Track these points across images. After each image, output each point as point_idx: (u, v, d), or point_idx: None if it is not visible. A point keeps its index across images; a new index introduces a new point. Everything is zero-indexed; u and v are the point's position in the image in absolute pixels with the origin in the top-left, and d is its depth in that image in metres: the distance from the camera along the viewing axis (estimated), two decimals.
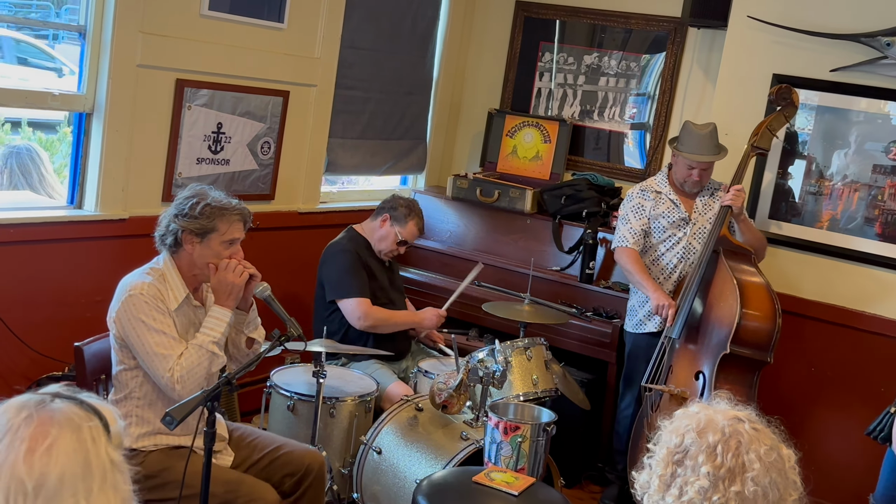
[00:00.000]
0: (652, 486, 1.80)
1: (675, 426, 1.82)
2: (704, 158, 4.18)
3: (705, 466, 1.73)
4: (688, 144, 4.21)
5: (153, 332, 2.87)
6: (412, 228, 4.28)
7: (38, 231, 3.83)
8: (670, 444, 1.80)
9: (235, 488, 2.91)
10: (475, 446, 3.50)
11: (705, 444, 1.75)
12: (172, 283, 2.99)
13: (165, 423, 2.54)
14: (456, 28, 5.72)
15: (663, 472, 1.78)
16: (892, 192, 4.35)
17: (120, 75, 3.94)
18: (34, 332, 3.82)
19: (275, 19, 4.51)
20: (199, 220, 2.96)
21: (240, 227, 3.04)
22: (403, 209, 4.28)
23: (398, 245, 4.28)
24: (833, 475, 4.25)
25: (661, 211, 4.29)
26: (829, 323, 4.49)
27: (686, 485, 1.75)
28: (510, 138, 5.54)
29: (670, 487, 1.77)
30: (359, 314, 4.08)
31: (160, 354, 2.86)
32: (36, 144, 4.38)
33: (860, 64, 4.32)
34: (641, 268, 4.25)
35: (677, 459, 1.78)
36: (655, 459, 1.82)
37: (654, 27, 5.22)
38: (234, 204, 3.03)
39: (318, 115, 4.86)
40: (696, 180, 4.23)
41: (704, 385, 3.95)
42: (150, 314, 2.88)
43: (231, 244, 3.01)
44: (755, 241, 4.18)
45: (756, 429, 1.79)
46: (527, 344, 3.87)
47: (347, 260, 4.16)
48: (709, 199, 4.30)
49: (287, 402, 3.72)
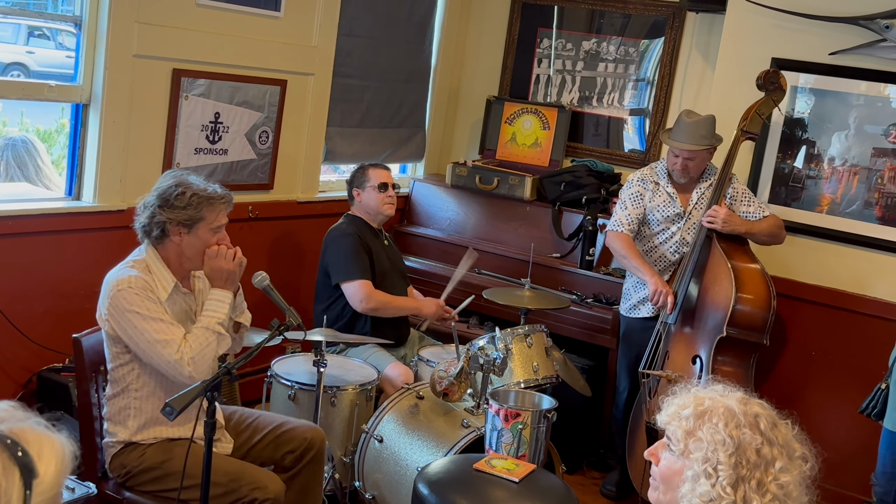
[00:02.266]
0: (721, 493, 1.70)
1: (708, 433, 1.72)
2: (685, 146, 4.14)
3: (779, 460, 1.70)
4: (674, 132, 4.20)
5: (150, 321, 2.85)
6: (374, 172, 4.34)
7: (36, 223, 3.82)
8: (723, 448, 1.71)
9: (238, 477, 2.91)
10: (476, 434, 3.51)
11: (759, 435, 1.71)
12: (159, 274, 2.96)
13: (165, 414, 2.54)
14: (454, 15, 5.70)
15: (728, 477, 1.70)
16: (891, 175, 4.34)
17: (116, 65, 3.93)
18: (33, 323, 3.83)
19: (271, 8, 4.49)
20: (187, 211, 2.92)
21: (224, 212, 3.04)
22: (357, 172, 4.39)
23: (383, 190, 4.30)
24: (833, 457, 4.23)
25: (658, 203, 4.28)
26: (828, 306, 4.49)
27: (762, 485, 1.69)
28: (509, 125, 5.53)
29: (742, 488, 1.70)
30: (361, 296, 4.09)
31: (163, 341, 2.84)
32: (33, 136, 4.36)
33: (859, 47, 4.30)
34: (636, 252, 4.24)
35: (735, 462, 1.70)
36: (718, 472, 1.71)
37: (653, 12, 5.20)
38: (220, 191, 3.01)
39: (316, 103, 4.85)
40: (680, 169, 4.21)
41: (702, 369, 3.96)
42: (143, 304, 2.86)
43: (217, 231, 3.00)
44: (767, 233, 4.15)
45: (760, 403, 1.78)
46: (527, 331, 3.87)
47: (349, 243, 4.17)
48: (705, 190, 4.28)
49: (288, 392, 3.72)
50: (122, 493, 3.01)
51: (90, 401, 3.06)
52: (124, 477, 2.98)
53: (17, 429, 1.31)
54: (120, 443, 2.99)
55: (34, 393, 3.88)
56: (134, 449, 2.98)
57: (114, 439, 3.00)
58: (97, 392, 3.09)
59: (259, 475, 2.96)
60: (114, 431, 2.99)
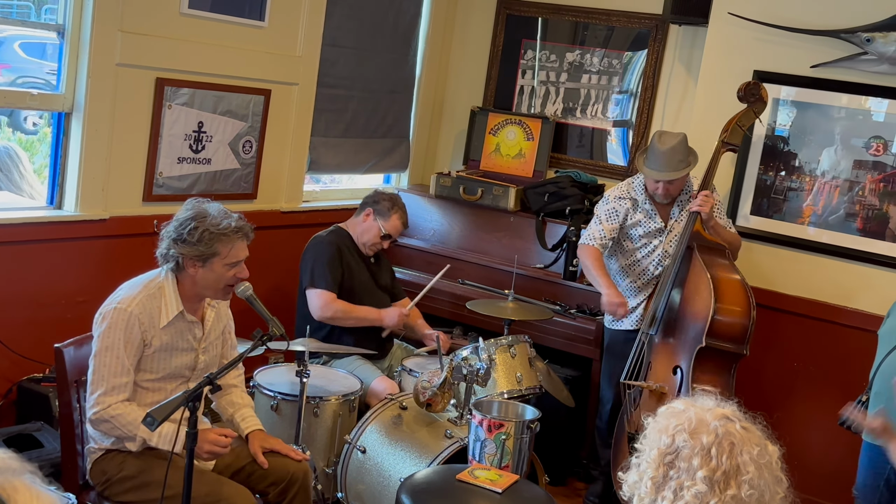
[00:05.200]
0: (643, 488, 1.77)
1: (663, 425, 1.78)
2: (662, 176, 4.15)
3: (701, 471, 1.70)
4: (651, 160, 4.19)
5: (109, 352, 2.89)
6: (395, 222, 4.27)
7: (17, 231, 3.80)
8: (660, 444, 1.76)
9: (217, 490, 2.90)
10: (459, 444, 3.50)
11: (699, 445, 1.72)
12: (168, 299, 2.98)
13: (147, 424, 2.54)
14: (438, 26, 5.72)
15: (655, 474, 1.75)
16: (872, 187, 4.37)
17: (99, 74, 3.92)
18: (14, 333, 3.80)
19: (256, 17, 4.49)
20: (199, 247, 2.93)
21: (242, 245, 3.01)
22: (386, 202, 4.27)
23: (382, 239, 4.26)
24: (815, 469, 4.26)
25: (638, 220, 4.29)
26: (810, 318, 4.51)
27: (681, 489, 1.71)
28: (493, 136, 5.54)
29: (663, 489, 1.74)
30: (319, 304, 4.09)
31: (101, 378, 2.88)
32: (15, 144, 4.34)
33: (840, 60, 4.34)
34: (600, 265, 4.24)
35: (669, 461, 1.74)
36: (645, 460, 1.78)
37: (636, 24, 5.23)
38: (234, 224, 2.98)
39: (300, 113, 4.84)
40: (662, 194, 4.22)
41: (682, 379, 3.97)
42: (118, 335, 2.89)
43: (234, 266, 2.99)
44: (729, 242, 4.20)
45: (745, 427, 1.77)
46: (511, 341, 3.87)
47: (325, 252, 4.17)
48: (686, 203, 4.28)
49: (271, 402, 3.70)
50: None
51: (71, 411, 3.04)
52: (104, 484, 2.97)
53: (8, 484, 1.30)
54: (102, 449, 2.99)
55: (14, 403, 3.85)
56: (115, 456, 2.97)
57: (96, 445, 3.00)
58: (78, 402, 3.07)
59: (236, 491, 2.95)
60: (96, 437, 2.99)
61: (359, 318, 4.18)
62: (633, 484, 1.80)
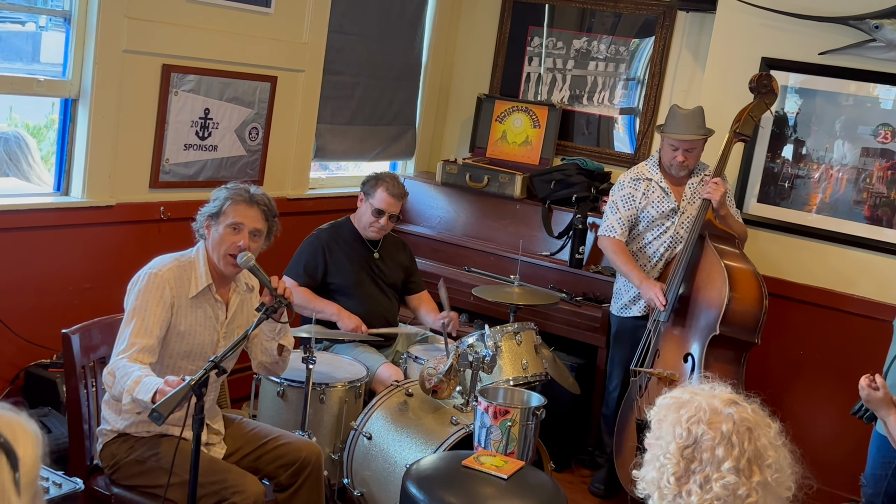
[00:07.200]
0: (664, 484, 1.73)
1: (674, 417, 1.75)
2: (685, 136, 4.18)
3: (728, 461, 1.68)
4: (671, 125, 4.23)
5: (136, 314, 2.92)
6: (381, 195, 4.17)
7: (24, 218, 3.81)
8: (677, 437, 1.73)
9: (223, 478, 2.90)
10: (465, 431, 3.50)
11: (719, 435, 1.70)
12: (197, 272, 3.04)
13: (153, 419, 2.52)
14: (444, 12, 5.70)
15: (676, 469, 1.72)
16: (880, 175, 4.36)
17: (106, 61, 3.92)
18: (21, 319, 3.81)
19: (262, 4, 4.48)
20: (214, 204, 3.05)
21: (245, 210, 3.03)
22: (371, 180, 4.23)
23: (376, 217, 4.20)
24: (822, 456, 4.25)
25: (652, 200, 4.29)
26: (817, 305, 4.50)
27: (707, 481, 1.69)
28: (499, 123, 5.53)
29: (687, 483, 1.71)
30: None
31: (124, 338, 2.90)
32: (23, 131, 4.35)
33: (849, 47, 4.31)
34: (629, 258, 4.25)
35: (688, 455, 1.71)
36: (663, 455, 1.74)
37: (644, 11, 5.21)
38: (242, 187, 3.08)
39: (306, 100, 4.84)
40: (680, 161, 4.22)
41: (693, 367, 3.97)
42: (148, 297, 2.93)
43: (235, 229, 3.01)
44: (739, 232, 4.20)
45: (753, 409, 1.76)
46: (516, 329, 3.87)
47: (307, 248, 4.20)
48: (697, 186, 4.30)
49: (277, 389, 3.71)
50: (110, 490, 3.00)
51: (79, 396, 3.05)
52: (112, 468, 2.99)
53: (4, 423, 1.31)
54: (113, 432, 3.01)
55: (21, 389, 3.86)
56: (125, 440, 3.00)
57: (108, 427, 3.02)
58: (86, 388, 3.08)
59: (243, 477, 2.95)
60: (109, 419, 3.01)
61: (317, 310, 4.03)
62: (652, 481, 1.75)
